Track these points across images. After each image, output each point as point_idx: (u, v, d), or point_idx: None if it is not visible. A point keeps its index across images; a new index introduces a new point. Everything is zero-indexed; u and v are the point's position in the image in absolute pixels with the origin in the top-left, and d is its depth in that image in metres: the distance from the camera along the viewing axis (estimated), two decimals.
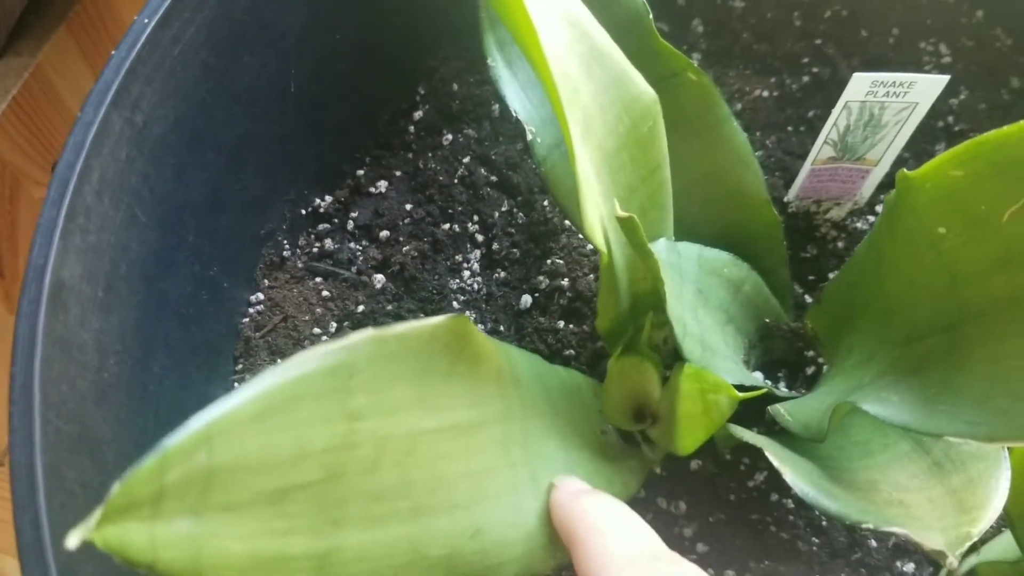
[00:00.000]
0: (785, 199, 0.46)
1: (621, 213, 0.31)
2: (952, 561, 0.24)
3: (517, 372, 0.35)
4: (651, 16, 0.37)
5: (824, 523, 0.40)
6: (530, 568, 0.32)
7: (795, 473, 0.29)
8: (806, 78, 0.52)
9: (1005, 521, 0.33)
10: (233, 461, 0.25)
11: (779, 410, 0.35)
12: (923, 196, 0.29)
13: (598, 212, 0.32)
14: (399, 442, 0.29)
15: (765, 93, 0.50)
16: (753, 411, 0.39)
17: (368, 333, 0.29)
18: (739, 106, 0.50)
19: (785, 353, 0.43)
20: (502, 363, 0.34)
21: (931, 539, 0.25)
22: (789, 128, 0.51)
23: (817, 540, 0.39)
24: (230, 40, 0.42)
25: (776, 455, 0.30)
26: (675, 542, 0.40)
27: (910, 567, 0.38)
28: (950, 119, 0.51)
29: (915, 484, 0.29)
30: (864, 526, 0.27)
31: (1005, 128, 0.25)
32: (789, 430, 0.35)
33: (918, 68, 0.52)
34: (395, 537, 0.30)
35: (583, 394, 0.40)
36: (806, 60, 0.52)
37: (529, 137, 0.36)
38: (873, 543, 0.39)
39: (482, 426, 0.32)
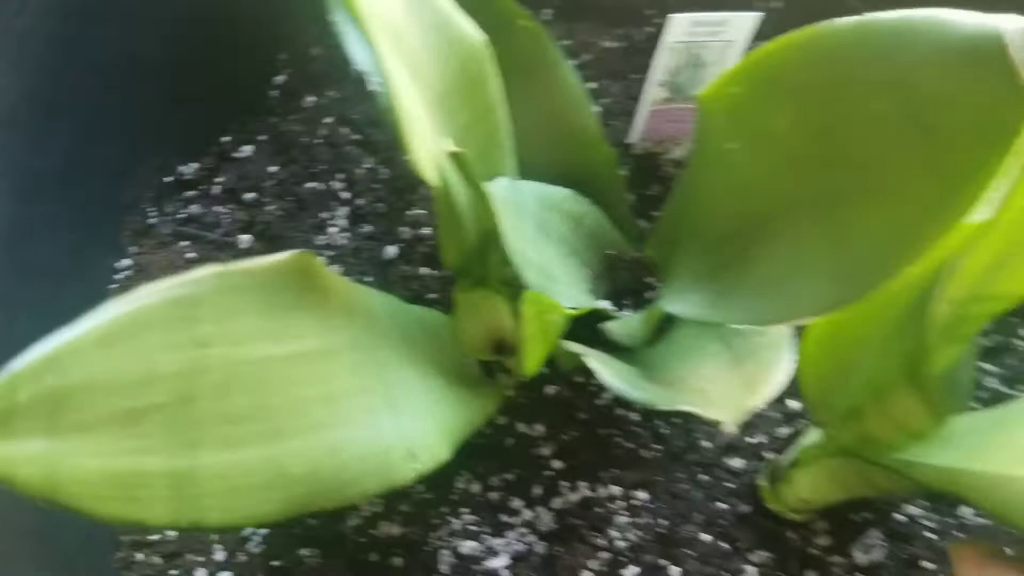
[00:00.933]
0: (627, 141, 0.50)
1: (452, 148, 0.33)
2: (731, 428, 0.28)
3: (370, 308, 0.37)
4: None
5: (665, 431, 0.43)
6: (389, 479, 0.35)
7: (609, 372, 0.33)
8: (650, 28, 0.56)
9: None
10: (82, 383, 0.27)
11: (610, 327, 0.39)
12: (714, 116, 0.32)
13: (430, 149, 0.35)
14: (250, 368, 0.32)
15: (614, 44, 0.54)
16: (595, 334, 0.42)
17: (212, 268, 0.32)
18: (589, 56, 0.53)
19: (630, 282, 0.46)
20: (353, 298, 0.37)
21: (713, 412, 0.28)
22: (634, 76, 0.54)
23: (659, 447, 0.43)
24: (77, 9, 0.43)
25: (595, 359, 0.34)
26: (534, 462, 0.43)
27: (738, 462, 0.42)
28: None
29: (718, 376, 0.33)
30: (661, 407, 0.31)
31: (771, 43, 0.28)
32: (619, 343, 0.38)
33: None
34: (255, 457, 0.32)
35: (442, 330, 0.42)
36: (649, 12, 0.56)
37: (370, 88, 0.39)
38: (706, 444, 0.43)
39: (334, 354, 0.35)
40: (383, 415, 0.36)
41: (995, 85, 0.23)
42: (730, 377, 0.33)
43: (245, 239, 0.48)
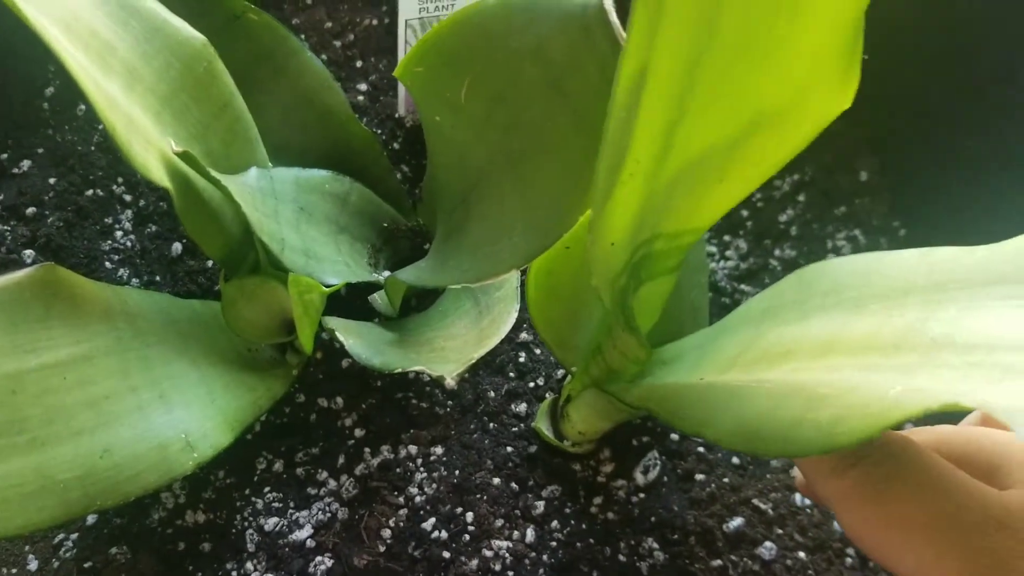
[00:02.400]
0: (398, 115, 0.52)
1: (176, 148, 0.35)
2: (450, 383, 0.30)
3: (132, 309, 0.38)
4: None
5: (454, 388, 0.46)
6: (168, 471, 0.36)
7: (355, 341, 0.35)
8: None
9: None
10: None
11: (374, 297, 0.41)
12: (415, 92, 0.34)
13: (159, 152, 0.36)
14: (1, 384, 0.33)
15: (375, 21, 0.55)
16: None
17: None
18: (352, 36, 0.55)
19: (410, 251, 0.49)
20: (112, 302, 0.37)
21: (438, 369, 0.31)
22: (397, 51, 0.56)
23: (451, 402, 0.46)
24: None
25: (342, 330, 0.36)
26: (337, 433, 0.45)
27: (523, 407, 0.45)
28: None
29: (463, 332, 0.36)
30: (396, 370, 0.33)
31: (436, 26, 0.31)
32: (383, 311, 0.40)
33: None
34: (18, 468, 0.33)
35: (222, 322, 0.44)
36: None
37: None
38: (492, 394, 0.45)
39: (92, 359, 0.36)
40: (155, 411, 0.37)
41: (605, 48, 0.25)
42: (469, 334, 0.35)
43: (28, 254, 0.48)
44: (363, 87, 0.53)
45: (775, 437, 0.28)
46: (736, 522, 0.43)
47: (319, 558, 0.41)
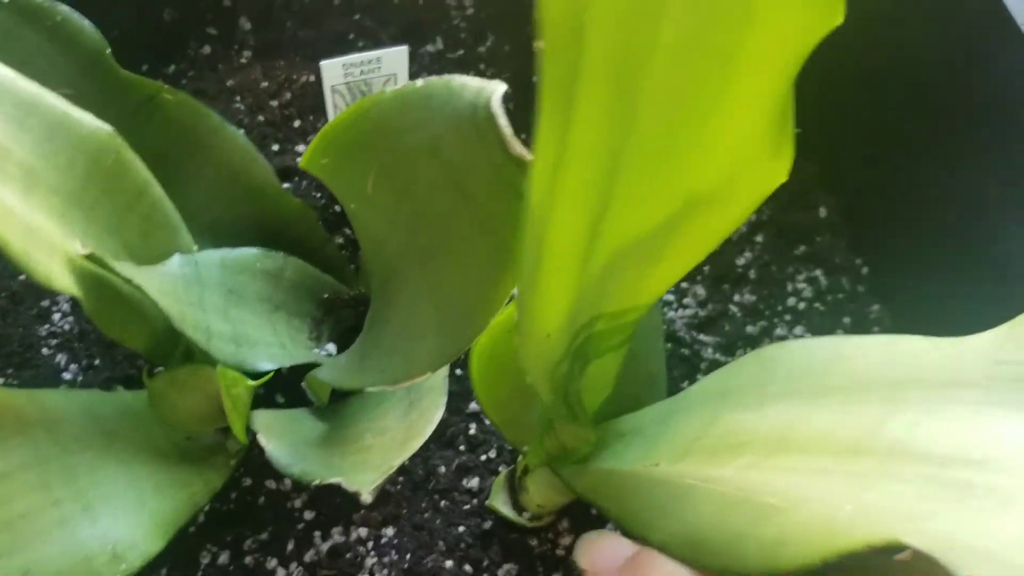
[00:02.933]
0: None
1: (82, 251, 0.33)
2: (366, 498, 0.29)
3: (52, 415, 0.37)
4: (109, 51, 0.39)
5: (405, 464, 0.44)
6: None
7: (274, 445, 0.33)
8: (354, 53, 0.55)
9: None
10: None
11: (307, 385, 0.39)
12: (326, 181, 0.33)
13: (65, 257, 0.34)
14: None
15: (312, 78, 0.53)
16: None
17: None
18: (288, 95, 0.53)
19: (356, 318, 0.47)
20: (26, 411, 0.36)
21: (356, 481, 0.29)
22: (330, 117, 0.54)
23: (402, 478, 0.44)
24: None
25: (265, 432, 0.34)
26: (287, 516, 0.44)
27: (475, 482, 0.43)
28: (481, 66, 0.56)
29: (393, 426, 0.34)
30: (314, 482, 0.31)
31: (336, 118, 0.29)
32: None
33: (449, 23, 0.57)
34: None
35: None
36: (351, 36, 0.56)
37: None
38: (442, 469, 0.44)
39: (7, 476, 0.34)
40: (80, 523, 0.35)
41: (497, 152, 0.24)
42: (398, 427, 0.33)
43: None
44: (301, 148, 0.51)
45: (720, 550, 0.26)
46: None
47: None
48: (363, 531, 0.43)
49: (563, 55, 0.19)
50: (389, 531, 0.42)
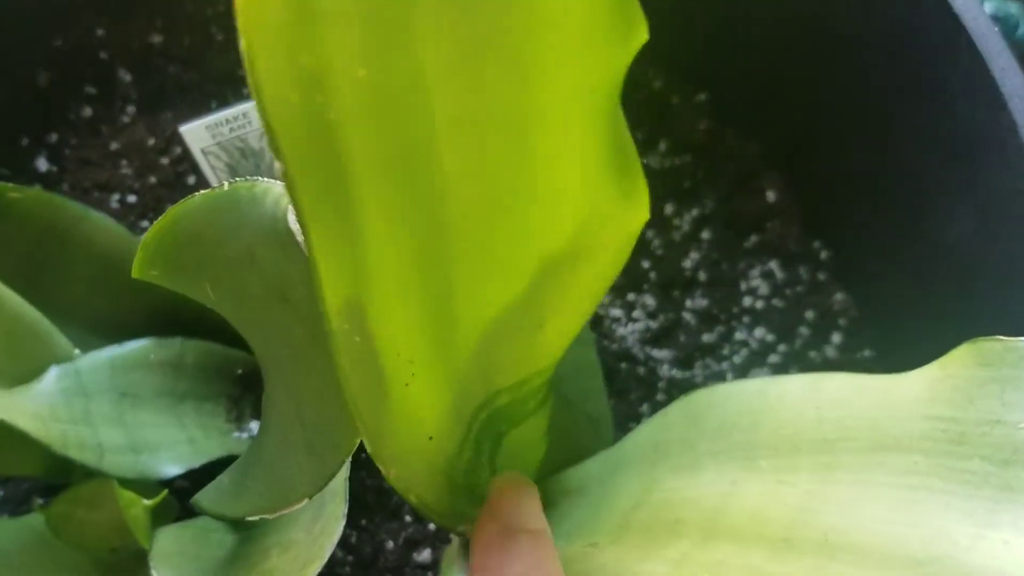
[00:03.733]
0: None
1: None
2: None
3: None
4: None
5: (352, 540, 0.41)
6: None
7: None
8: (246, 90, 0.51)
9: None
10: None
11: (199, 502, 0.35)
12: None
13: None
14: None
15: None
16: None
17: None
18: (179, 149, 0.48)
19: None
20: None
21: None
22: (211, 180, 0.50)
23: (351, 558, 0.40)
24: None
25: (161, 562, 0.30)
26: None
27: (426, 554, 0.40)
28: None
29: (298, 538, 0.30)
30: None
31: (149, 231, 0.25)
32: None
33: None
34: None
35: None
36: (242, 74, 0.51)
37: None
38: (390, 544, 0.40)
39: None
40: None
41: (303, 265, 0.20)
42: (302, 543, 0.30)
43: None
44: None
45: None
46: None
47: None
48: None
49: (317, 166, 0.15)
50: None
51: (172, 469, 0.36)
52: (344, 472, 0.30)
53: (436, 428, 0.25)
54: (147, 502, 0.33)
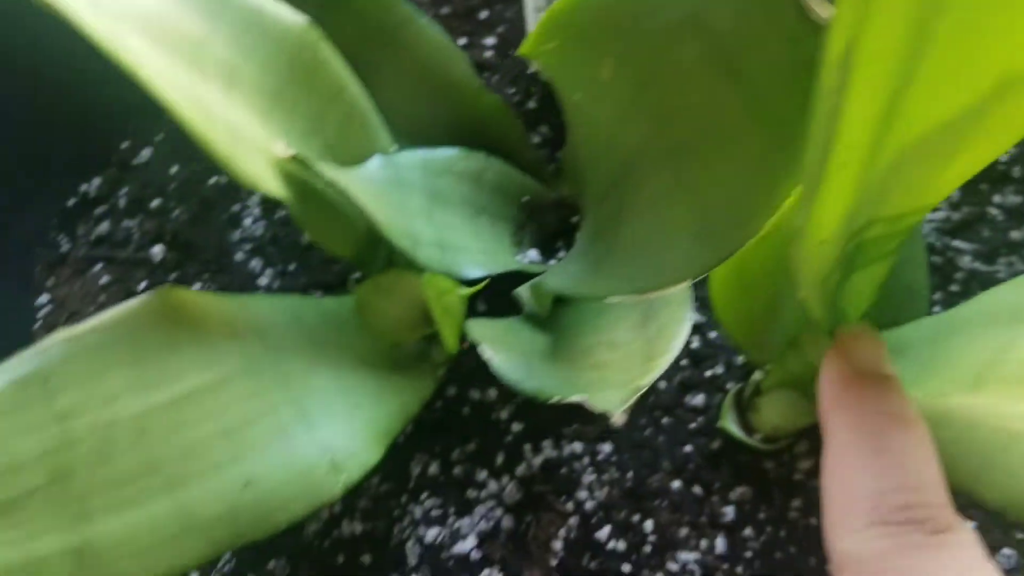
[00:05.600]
0: (531, 70, 0.46)
1: (284, 154, 0.30)
2: (617, 420, 0.25)
3: (261, 323, 0.35)
4: None
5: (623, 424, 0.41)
6: (317, 498, 0.33)
7: (500, 358, 0.30)
8: None
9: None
10: None
11: (520, 293, 0.36)
12: (547, 69, 0.28)
13: (268, 158, 0.31)
14: (127, 425, 0.30)
15: None
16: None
17: (57, 335, 0.30)
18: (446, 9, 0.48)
19: (556, 223, 0.43)
20: (239, 317, 0.34)
21: (602, 401, 0.26)
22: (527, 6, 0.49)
23: None
24: None
25: (488, 342, 0.31)
26: (493, 428, 0.41)
27: (700, 399, 0.40)
28: None
29: (625, 339, 0.30)
30: (551, 400, 0.28)
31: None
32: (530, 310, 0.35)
33: None
34: (157, 512, 0.30)
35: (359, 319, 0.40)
36: None
37: None
38: (663, 385, 0.40)
39: (224, 384, 0.32)
40: (297, 432, 0.34)
41: (790, 17, 0.19)
42: (634, 342, 0.30)
43: (157, 251, 0.46)
44: (490, 41, 0.47)
45: None
46: None
47: (487, 571, 0.38)
48: (577, 446, 0.40)
49: None
50: (606, 447, 0.39)
51: (472, 272, 0.37)
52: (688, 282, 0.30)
53: (830, 234, 0.25)
54: (463, 290, 0.34)
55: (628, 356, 0.29)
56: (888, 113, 0.21)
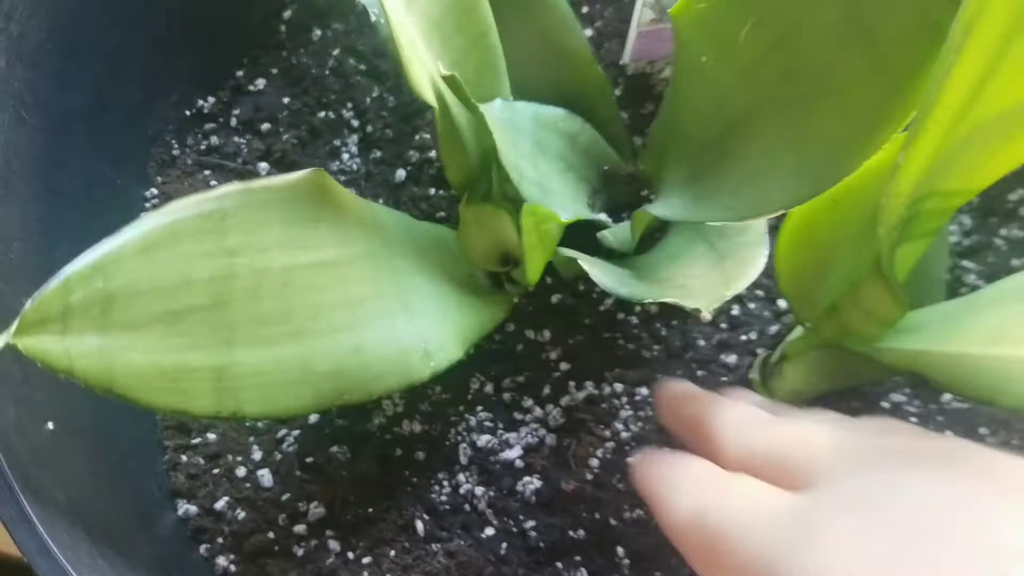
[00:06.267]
0: (622, 62, 0.52)
1: (444, 72, 0.36)
2: (706, 315, 0.31)
3: (381, 222, 0.40)
4: None
5: (663, 332, 0.47)
6: (408, 376, 0.38)
7: (599, 271, 0.36)
8: None
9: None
10: (127, 287, 0.30)
11: (604, 234, 0.41)
12: (686, 30, 0.34)
13: (427, 73, 0.37)
14: (276, 275, 0.35)
15: None
16: (593, 245, 0.45)
17: (237, 184, 0.35)
18: None
19: (626, 196, 0.49)
20: (365, 213, 0.40)
21: (692, 302, 0.31)
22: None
23: (658, 347, 0.46)
24: None
25: (586, 261, 0.37)
26: (543, 364, 0.47)
27: (733, 358, 0.45)
28: None
29: (701, 273, 0.36)
30: (646, 300, 0.34)
31: None
32: (613, 249, 0.41)
33: None
34: (284, 355, 0.35)
35: (451, 244, 0.45)
36: None
37: (373, 19, 0.41)
38: (701, 342, 0.46)
39: (351, 262, 0.38)
40: (399, 318, 0.39)
41: None
42: (712, 274, 0.36)
43: (263, 167, 0.51)
44: (588, 33, 0.54)
45: None
46: None
47: (528, 478, 0.43)
48: (618, 386, 0.45)
49: None
50: (643, 391, 0.45)
51: (566, 214, 0.42)
52: (763, 226, 0.36)
53: (905, 189, 0.30)
54: (564, 219, 0.39)
55: (707, 282, 0.35)
56: (981, 83, 0.27)
